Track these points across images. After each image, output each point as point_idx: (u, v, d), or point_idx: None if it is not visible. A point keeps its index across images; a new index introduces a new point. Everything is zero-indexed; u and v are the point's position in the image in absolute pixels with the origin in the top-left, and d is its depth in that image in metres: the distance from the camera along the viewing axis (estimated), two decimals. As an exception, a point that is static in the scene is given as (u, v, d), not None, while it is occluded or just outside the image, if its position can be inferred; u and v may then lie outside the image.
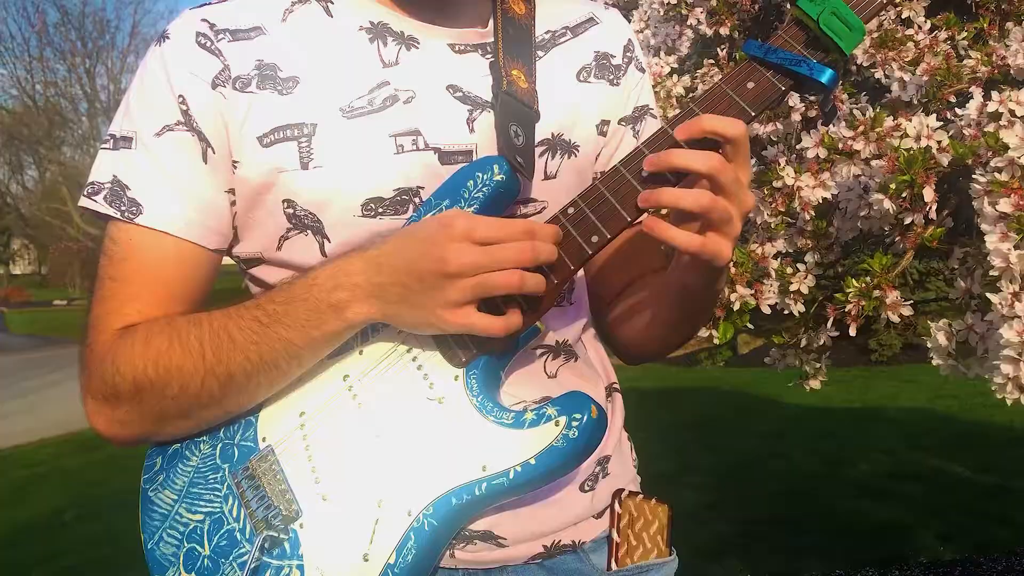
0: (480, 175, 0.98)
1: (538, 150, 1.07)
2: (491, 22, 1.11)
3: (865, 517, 4.72)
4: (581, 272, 1.16)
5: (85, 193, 1.06)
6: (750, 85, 0.98)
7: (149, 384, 0.99)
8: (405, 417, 0.98)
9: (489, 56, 1.08)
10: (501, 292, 0.91)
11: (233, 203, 1.05)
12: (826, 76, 0.96)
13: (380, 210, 1.01)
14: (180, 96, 1.01)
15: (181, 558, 1.01)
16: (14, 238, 45.58)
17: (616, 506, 1.11)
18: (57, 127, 36.46)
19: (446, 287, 0.91)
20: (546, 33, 1.15)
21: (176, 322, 1.01)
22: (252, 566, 0.97)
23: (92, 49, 36.41)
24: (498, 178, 0.97)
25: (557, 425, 0.94)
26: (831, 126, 1.67)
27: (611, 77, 1.17)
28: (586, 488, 1.10)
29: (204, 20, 1.04)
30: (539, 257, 0.92)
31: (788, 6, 1.00)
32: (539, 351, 1.09)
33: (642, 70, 1.21)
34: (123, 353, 1.00)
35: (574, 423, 0.94)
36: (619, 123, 1.17)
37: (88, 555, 5.58)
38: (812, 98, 1.89)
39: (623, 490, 1.13)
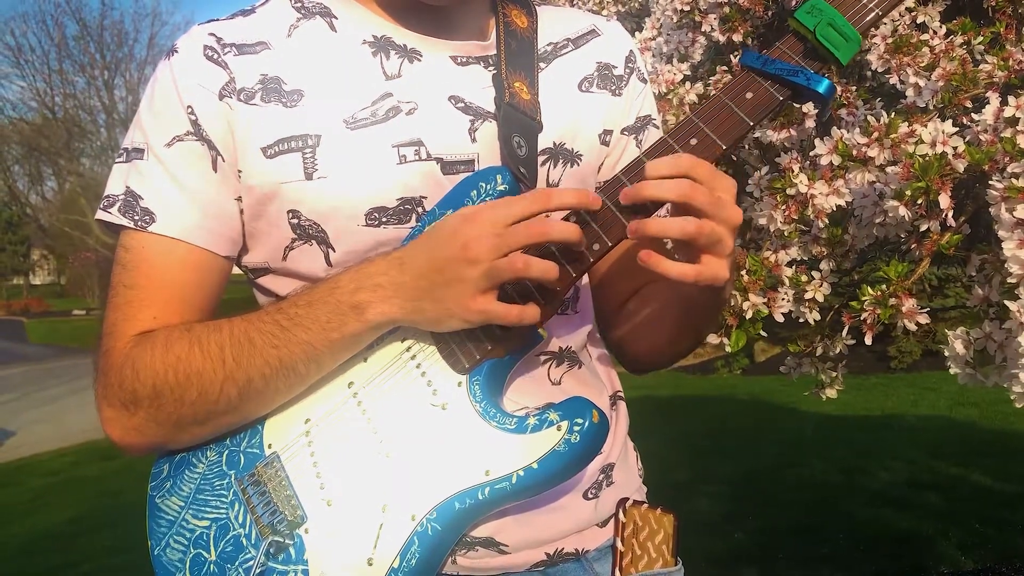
0: (483, 185, 0.99)
1: (540, 159, 1.08)
2: (493, 35, 1.13)
3: (885, 526, 4.68)
4: (586, 280, 1.18)
5: (101, 207, 1.07)
6: (748, 95, 0.99)
7: (169, 389, 0.99)
8: (409, 423, 0.99)
9: (491, 68, 1.10)
10: (509, 276, 0.91)
11: (243, 210, 1.06)
12: (823, 86, 0.97)
13: (384, 219, 1.02)
14: (189, 107, 1.03)
15: (188, 564, 1.02)
16: (34, 248, 45.98)
17: (620, 515, 1.11)
18: (76, 138, 36.87)
19: (467, 275, 0.91)
20: (548, 45, 1.16)
21: (195, 328, 1.02)
22: (258, 571, 0.97)
23: (111, 61, 36.91)
24: (501, 188, 0.98)
25: (559, 430, 0.95)
26: (845, 132, 1.65)
27: (613, 87, 1.18)
28: (590, 496, 1.10)
29: (212, 34, 1.06)
30: (551, 233, 0.92)
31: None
32: (542, 358, 1.10)
33: (644, 81, 1.22)
34: (142, 358, 1.00)
35: (576, 428, 0.94)
36: (621, 133, 1.19)
37: (105, 563, 5.61)
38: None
39: (628, 499, 1.13)
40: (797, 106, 1.88)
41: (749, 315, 1.71)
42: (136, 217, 1.04)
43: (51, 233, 39.78)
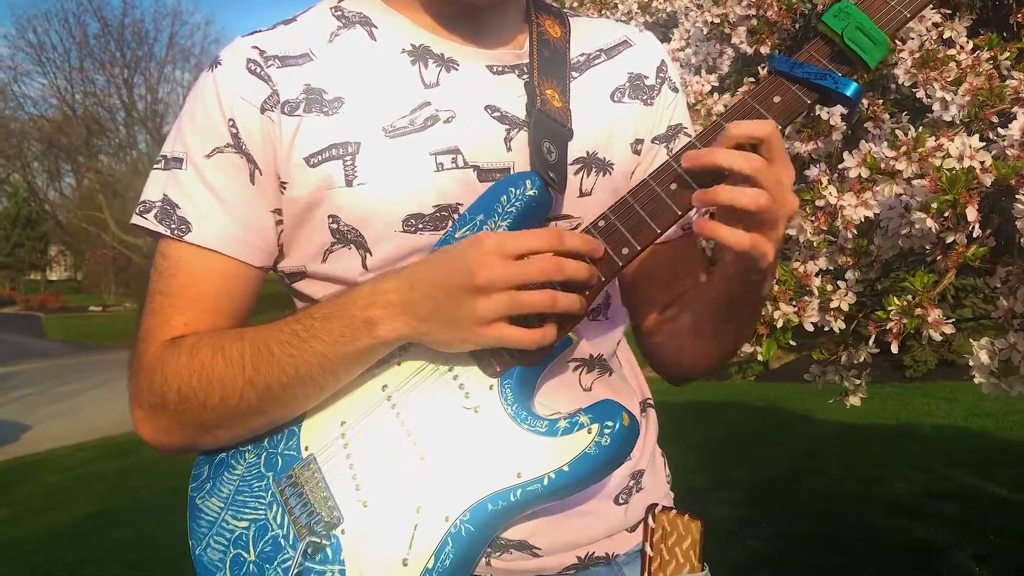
0: (513, 190, 1.00)
1: (573, 168, 1.09)
2: (527, 44, 1.14)
3: (900, 536, 4.67)
4: (617, 288, 1.18)
5: (137, 211, 1.10)
6: (776, 99, 1.00)
7: (192, 394, 1.02)
8: (442, 426, 1.01)
9: (525, 76, 1.11)
10: (534, 311, 0.94)
11: (279, 223, 1.08)
12: (851, 89, 0.98)
13: (420, 226, 1.04)
14: (230, 120, 1.04)
15: (228, 564, 1.04)
16: (51, 244, 46.31)
17: (650, 520, 1.12)
18: (95, 136, 37.02)
19: (476, 302, 0.93)
20: (581, 55, 1.17)
21: (221, 335, 1.04)
22: (296, 571, 0.99)
23: (131, 60, 37.00)
24: (530, 193, 1.00)
25: (590, 433, 0.96)
26: (873, 146, 1.67)
27: (644, 97, 1.19)
28: (620, 501, 1.12)
29: (255, 47, 1.07)
30: (565, 271, 0.94)
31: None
32: (573, 364, 1.11)
33: (676, 90, 1.23)
34: (170, 364, 1.03)
35: (606, 431, 0.96)
36: (652, 141, 1.20)
37: (122, 559, 5.64)
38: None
39: (657, 504, 1.14)
40: (824, 118, 1.89)
41: (780, 324, 1.73)
42: (172, 226, 1.06)
43: (69, 229, 40.04)
